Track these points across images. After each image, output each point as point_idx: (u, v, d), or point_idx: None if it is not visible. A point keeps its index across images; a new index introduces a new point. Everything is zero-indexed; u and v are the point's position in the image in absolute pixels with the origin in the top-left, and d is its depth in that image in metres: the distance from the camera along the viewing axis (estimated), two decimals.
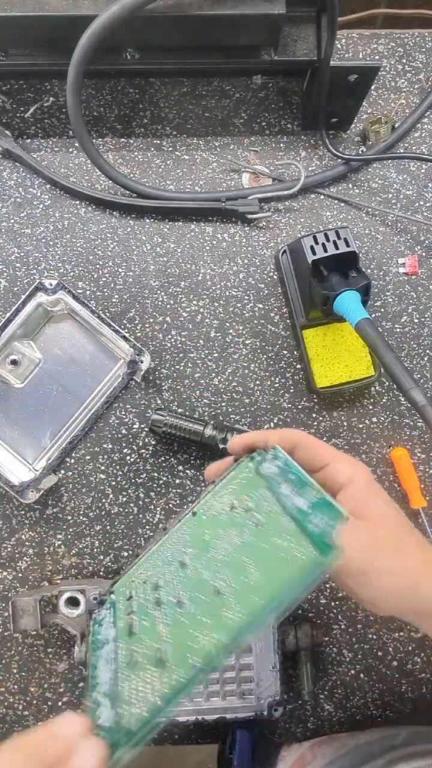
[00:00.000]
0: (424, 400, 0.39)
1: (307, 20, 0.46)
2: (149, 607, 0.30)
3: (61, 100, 0.53)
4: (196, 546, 0.31)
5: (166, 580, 0.31)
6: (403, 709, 0.52)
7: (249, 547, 0.29)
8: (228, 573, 0.28)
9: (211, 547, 0.30)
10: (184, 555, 0.31)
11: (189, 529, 0.33)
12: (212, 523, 0.32)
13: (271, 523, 0.29)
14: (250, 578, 0.27)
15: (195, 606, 0.28)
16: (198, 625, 0.27)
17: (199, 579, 0.29)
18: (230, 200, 0.52)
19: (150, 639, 0.28)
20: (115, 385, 0.51)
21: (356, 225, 0.54)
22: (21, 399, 0.51)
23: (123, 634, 0.30)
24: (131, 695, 0.26)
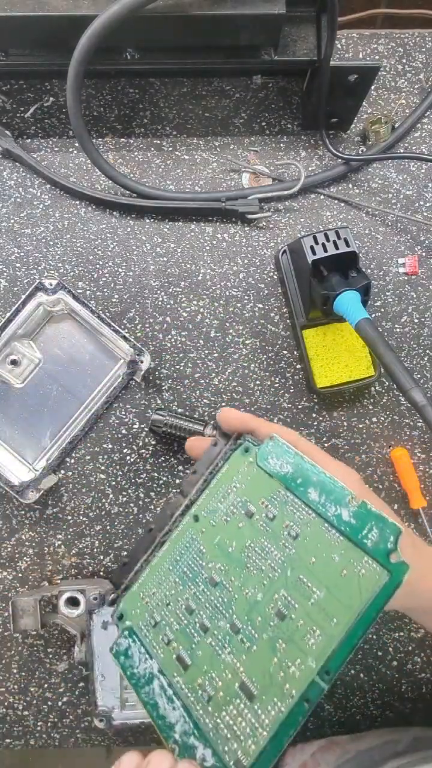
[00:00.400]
0: (424, 400, 0.39)
1: (307, 20, 0.46)
2: (194, 634, 0.28)
3: (61, 100, 0.53)
4: (220, 559, 0.29)
5: (198, 601, 0.28)
6: (403, 709, 0.52)
7: (298, 563, 0.26)
8: (286, 593, 0.26)
9: (244, 562, 0.28)
10: (209, 570, 0.29)
11: (197, 536, 0.31)
12: (228, 531, 0.29)
13: (315, 537, 0.27)
14: (318, 600, 0.25)
15: (261, 632, 0.26)
16: (273, 651, 0.25)
17: (249, 601, 0.27)
18: (230, 200, 0.52)
19: (218, 671, 0.26)
20: (115, 385, 0.51)
21: (356, 225, 0.54)
22: (21, 399, 0.51)
23: (171, 667, 0.27)
24: (229, 732, 0.24)
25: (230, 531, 0.30)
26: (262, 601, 0.27)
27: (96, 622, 0.45)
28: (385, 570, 0.24)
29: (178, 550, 0.31)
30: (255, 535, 0.29)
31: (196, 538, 0.31)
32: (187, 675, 0.27)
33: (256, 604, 0.27)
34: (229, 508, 0.30)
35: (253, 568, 0.28)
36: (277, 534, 0.28)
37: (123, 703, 0.47)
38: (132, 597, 0.31)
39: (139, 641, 0.29)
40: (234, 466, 0.32)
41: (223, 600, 0.28)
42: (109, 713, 0.46)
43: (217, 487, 0.31)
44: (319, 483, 0.28)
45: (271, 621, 0.26)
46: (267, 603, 0.26)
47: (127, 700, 0.47)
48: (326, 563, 0.26)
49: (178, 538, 0.31)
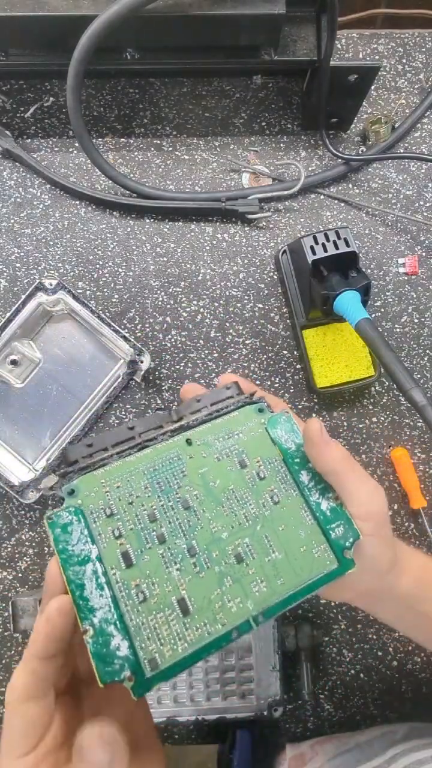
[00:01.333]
0: (424, 400, 0.39)
1: (307, 20, 0.46)
2: (148, 540, 0.28)
3: (61, 100, 0.53)
4: (200, 487, 0.30)
5: (163, 514, 0.29)
6: (403, 709, 0.52)
7: (269, 524, 0.29)
8: (249, 543, 0.29)
9: (222, 501, 0.30)
10: (185, 492, 0.30)
11: (183, 458, 0.31)
12: (217, 468, 0.30)
13: (291, 510, 0.30)
14: (274, 560, 0.29)
15: (214, 564, 0.28)
16: (220, 584, 0.28)
17: (214, 534, 0.29)
18: (230, 200, 0.52)
19: (161, 580, 0.27)
20: (115, 385, 0.51)
21: (356, 225, 0.54)
22: (21, 399, 0.51)
23: (114, 561, 0.27)
24: (152, 634, 0.26)
25: (218, 469, 0.31)
26: (225, 539, 0.29)
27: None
28: (336, 559, 0.29)
29: (160, 460, 0.30)
30: (240, 483, 0.30)
31: (182, 459, 0.31)
32: (127, 572, 0.27)
33: (219, 540, 0.29)
34: (225, 450, 0.31)
35: (227, 509, 0.30)
36: (260, 493, 0.30)
37: None
38: (91, 479, 0.29)
39: (85, 523, 0.28)
40: (244, 417, 0.32)
41: (188, 523, 0.29)
42: None
43: (220, 426, 0.32)
44: (313, 471, 0.31)
45: (227, 559, 0.28)
46: (229, 543, 0.29)
47: None
48: (292, 534, 0.29)
49: (164, 450, 0.31)
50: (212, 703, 0.47)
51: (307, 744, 0.48)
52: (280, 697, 0.47)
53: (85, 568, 0.27)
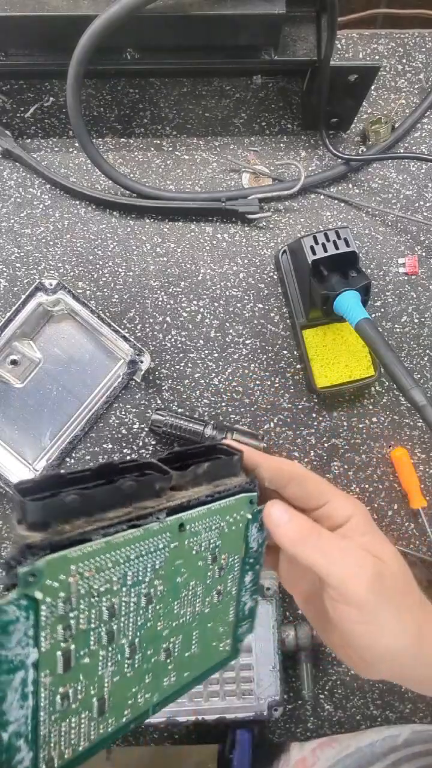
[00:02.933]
0: (424, 400, 0.39)
1: (307, 20, 0.46)
2: (96, 641, 0.23)
3: (61, 100, 0.53)
4: (167, 582, 0.26)
5: (124, 610, 0.24)
6: (403, 709, 0.52)
7: (202, 622, 0.28)
8: (180, 640, 0.27)
9: (180, 597, 0.26)
10: (152, 585, 0.25)
11: (168, 547, 0.26)
12: (190, 562, 0.26)
13: (224, 608, 0.29)
14: (192, 655, 0.28)
15: (144, 660, 0.25)
16: (141, 681, 0.25)
17: (157, 632, 0.26)
18: (230, 200, 0.52)
19: (89, 682, 0.23)
20: (115, 385, 0.51)
21: (356, 225, 0.54)
22: (21, 399, 0.51)
23: (50, 666, 0.22)
24: (59, 739, 0.23)
25: (191, 563, 0.27)
26: (164, 637, 0.26)
27: None
28: (231, 652, 0.29)
29: (146, 548, 0.25)
30: (202, 579, 0.27)
31: (167, 548, 0.25)
32: (59, 677, 0.23)
33: (159, 638, 0.26)
34: (205, 542, 0.27)
35: (179, 606, 0.27)
36: (211, 591, 0.28)
37: None
38: (61, 562, 0.21)
39: (34, 621, 0.21)
40: (236, 506, 0.28)
41: (142, 620, 0.25)
42: None
43: (212, 514, 0.27)
44: (257, 573, 0.29)
45: (158, 656, 0.26)
46: (165, 640, 0.26)
47: None
48: (214, 631, 0.28)
49: (154, 534, 0.25)
50: (212, 703, 0.47)
51: (309, 748, 0.48)
52: (280, 697, 0.47)
53: (14, 676, 0.21)
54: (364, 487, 0.53)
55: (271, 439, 0.53)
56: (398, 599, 0.27)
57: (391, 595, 0.26)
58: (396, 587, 0.27)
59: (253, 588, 0.29)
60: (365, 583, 0.25)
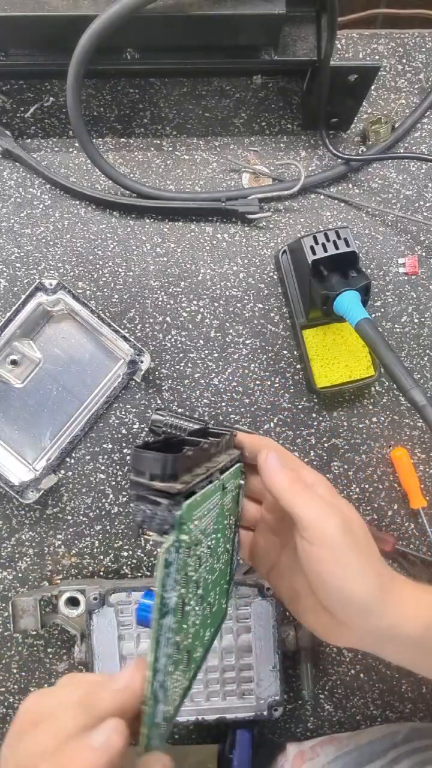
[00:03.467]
0: (424, 400, 0.39)
1: (307, 20, 0.46)
2: (195, 595, 0.26)
3: (61, 100, 0.53)
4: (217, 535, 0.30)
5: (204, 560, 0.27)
6: (403, 709, 0.52)
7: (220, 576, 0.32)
8: (215, 594, 0.31)
9: (216, 552, 0.31)
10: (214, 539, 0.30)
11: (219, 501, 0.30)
12: (222, 518, 0.31)
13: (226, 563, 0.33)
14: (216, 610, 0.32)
15: (201, 613, 0.29)
16: (197, 635, 0.28)
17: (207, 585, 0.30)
18: (230, 200, 0.52)
19: (185, 632, 0.26)
20: (115, 385, 0.51)
21: (356, 225, 0.54)
22: (21, 399, 0.51)
23: (177, 613, 0.24)
24: (172, 693, 0.25)
25: (222, 519, 0.31)
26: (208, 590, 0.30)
27: (96, 622, 0.45)
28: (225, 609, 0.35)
29: (213, 501, 0.28)
30: (225, 536, 0.32)
31: (219, 503, 0.29)
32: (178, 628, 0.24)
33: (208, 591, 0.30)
34: (227, 501, 0.32)
35: (215, 561, 0.30)
36: (225, 546, 0.33)
37: None
38: (193, 507, 0.24)
39: (178, 565, 0.23)
40: (235, 473, 0.34)
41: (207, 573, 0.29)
42: None
43: (230, 477, 0.32)
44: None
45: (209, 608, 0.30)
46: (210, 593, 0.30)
47: None
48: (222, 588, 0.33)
49: (216, 490, 0.28)
50: (212, 703, 0.47)
51: (308, 744, 0.48)
52: (280, 697, 0.47)
53: (166, 621, 0.23)
54: (364, 487, 0.53)
55: (271, 439, 0.53)
56: (363, 548, 0.31)
57: (357, 542, 0.30)
58: (360, 538, 0.31)
59: (238, 548, 0.34)
60: (336, 526, 0.30)
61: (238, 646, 0.47)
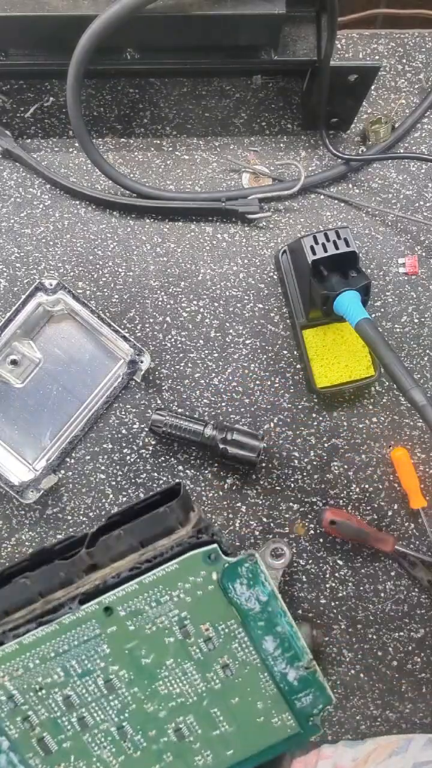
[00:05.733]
0: (424, 400, 0.39)
1: (307, 20, 0.46)
2: (68, 727, 0.24)
3: (61, 100, 0.53)
4: (127, 668, 0.25)
5: (83, 699, 0.25)
6: (403, 709, 0.52)
7: (219, 698, 0.25)
8: (192, 720, 0.25)
9: (158, 677, 0.25)
10: (108, 674, 0.25)
11: (102, 634, 0.24)
12: (150, 642, 0.25)
13: (249, 680, 0.25)
14: (223, 733, 0.25)
15: (150, 743, 0.25)
16: (158, 760, 0.25)
17: (149, 714, 0.25)
18: (230, 200, 0.52)
19: (89, 762, 0.24)
20: (115, 385, 0.51)
21: (356, 225, 0.54)
22: (21, 399, 0.51)
23: (27, 748, 0.24)
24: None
25: (152, 643, 0.25)
26: (163, 718, 0.25)
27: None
28: (298, 728, 0.26)
29: (69, 640, 0.24)
30: (182, 657, 0.25)
31: (101, 635, 0.24)
32: (48, 759, 0.24)
33: (156, 720, 0.25)
34: (159, 618, 0.24)
35: (165, 687, 0.25)
36: (208, 665, 0.25)
37: None
38: None
39: None
40: (185, 570, 0.24)
41: (116, 705, 0.25)
42: None
43: (152, 585, 0.24)
44: (281, 636, 0.26)
45: (166, 737, 0.25)
46: (168, 721, 0.25)
47: None
48: (247, 707, 0.26)
49: (73, 625, 0.24)
50: None
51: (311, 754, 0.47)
52: None
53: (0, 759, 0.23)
54: (364, 487, 0.53)
55: (271, 439, 0.53)
56: None
57: None
58: None
59: (286, 655, 0.25)
60: None
61: None
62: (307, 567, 0.52)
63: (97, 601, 0.24)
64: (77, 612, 0.24)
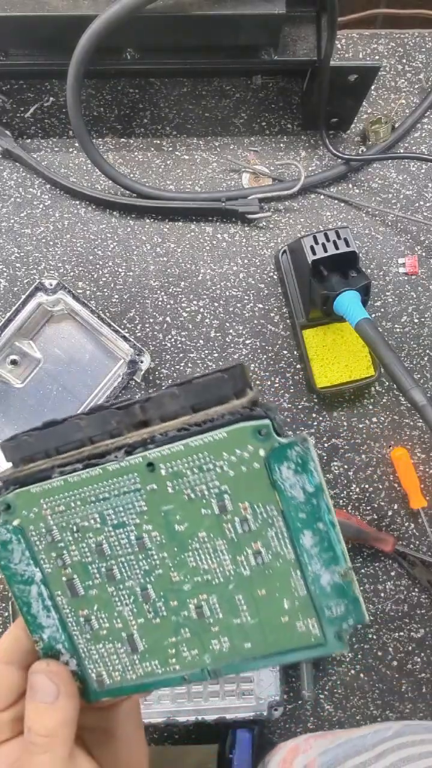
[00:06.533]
0: (424, 400, 0.39)
1: (307, 20, 0.46)
2: (97, 575, 0.25)
3: (61, 100, 0.53)
4: (161, 528, 0.24)
5: (115, 551, 0.25)
6: (403, 709, 0.52)
7: (245, 586, 0.24)
8: (215, 601, 0.25)
9: (188, 548, 0.24)
10: (142, 532, 0.24)
11: (142, 489, 0.24)
12: (186, 509, 0.24)
13: (279, 575, 0.24)
14: (243, 624, 0.25)
15: (170, 613, 0.25)
16: (176, 633, 0.25)
17: (173, 584, 0.25)
18: (230, 200, 0.52)
19: (110, 615, 0.25)
20: (115, 385, 0.51)
21: (356, 225, 0.54)
22: (21, 399, 0.51)
23: (60, 588, 0.25)
24: (100, 659, 0.25)
25: (188, 511, 0.24)
26: (187, 592, 0.25)
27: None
28: (323, 638, 0.24)
29: (111, 488, 0.24)
30: (215, 532, 0.24)
31: (140, 491, 0.24)
32: (74, 601, 0.25)
33: (179, 591, 0.25)
34: (199, 486, 0.23)
35: (194, 560, 0.24)
36: (241, 549, 0.24)
37: None
38: (30, 497, 0.24)
39: (26, 544, 0.25)
40: (233, 441, 0.23)
41: (144, 566, 0.25)
42: None
43: (197, 450, 0.23)
44: (322, 533, 0.24)
45: (186, 611, 0.25)
46: (191, 596, 0.25)
47: None
48: (273, 602, 0.24)
49: (116, 474, 0.24)
50: (212, 703, 0.47)
51: (302, 738, 0.48)
52: (280, 697, 0.47)
53: (30, 588, 0.25)
54: (364, 487, 0.53)
55: None
56: None
57: None
58: None
59: (324, 555, 0.23)
60: None
61: None
62: None
63: (142, 454, 0.23)
64: (122, 461, 0.24)
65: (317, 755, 0.43)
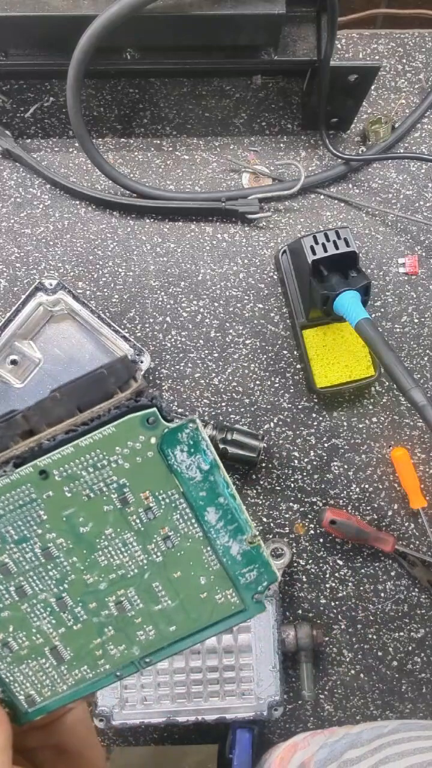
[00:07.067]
0: (424, 400, 0.39)
1: (307, 20, 0.46)
2: (6, 595, 0.24)
3: (61, 100, 0.53)
4: (65, 536, 0.24)
5: (20, 566, 0.24)
6: (403, 709, 0.52)
7: (160, 572, 0.25)
8: (134, 593, 0.25)
9: (97, 548, 0.24)
10: (45, 541, 0.24)
11: (38, 498, 0.23)
12: (88, 510, 0.24)
13: (191, 554, 0.25)
14: (165, 608, 0.25)
15: (91, 615, 0.25)
16: (100, 633, 0.25)
17: (88, 586, 0.25)
18: (230, 200, 0.52)
19: (28, 634, 0.25)
20: None
21: (356, 225, 0.54)
22: (21, 399, 0.51)
23: None
24: (26, 680, 0.25)
25: (90, 510, 0.24)
26: (103, 590, 0.25)
27: None
28: (243, 604, 0.25)
29: (5, 504, 0.23)
30: (122, 526, 0.24)
31: (36, 500, 0.23)
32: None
33: (96, 592, 0.25)
34: (97, 484, 0.23)
35: (105, 558, 0.24)
36: (149, 536, 0.25)
37: (122, 703, 0.47)
38: None
39: None
40: (123, 434, 0.23)
41: (55, 575, 0.24)
42: (108, 713, 0.46)
43: (88, 449, 0.23)
44: (224, 507, 0.25)
45: (106, 610, 0.25)
46: (109, 594, 0.25)
47: (126, 699, 0.47)
48: (190, 581, 0.25)
49: (8, 489, 0.23)
50: (212, 703, 0.47)
51: (301, 735, 0.48)
52: (280, 697, 0.47)
53: None
54: (364, 487, 0.53)
55: (271, 439, 0.53)
56: None
57: None
58: None
59: (228, 527, 0.25)
60: None
61: (237, 646, 0.47)
62: (307, 567, 0.52)
63: (32, 464, 0.23)
64: (11, 475, 0.23)
65: (315, 751, 0.43)
